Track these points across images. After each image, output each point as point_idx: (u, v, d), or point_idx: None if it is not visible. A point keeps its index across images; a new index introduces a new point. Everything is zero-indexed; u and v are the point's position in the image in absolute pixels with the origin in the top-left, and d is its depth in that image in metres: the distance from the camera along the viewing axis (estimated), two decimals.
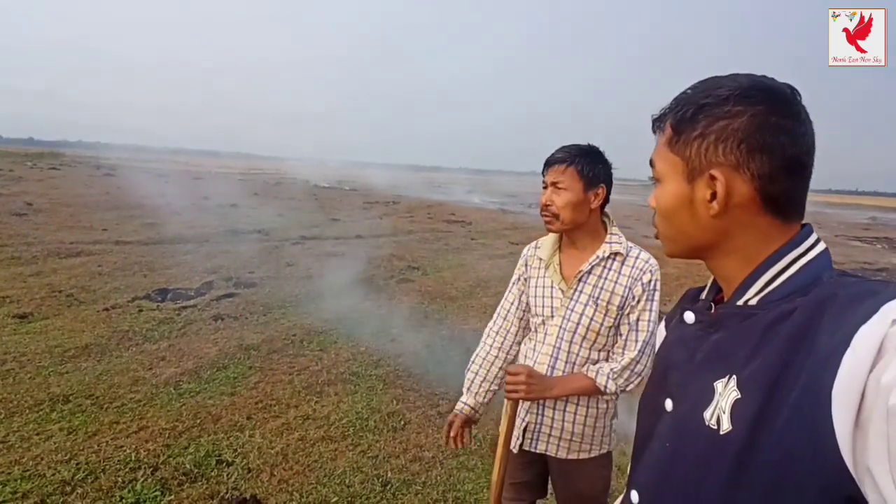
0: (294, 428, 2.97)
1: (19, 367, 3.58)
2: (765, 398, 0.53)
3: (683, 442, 0.63)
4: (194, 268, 6.66)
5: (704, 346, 0.64)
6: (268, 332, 4.49)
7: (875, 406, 0.45)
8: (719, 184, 0.60)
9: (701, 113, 0.61)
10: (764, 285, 0.60)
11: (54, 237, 8.37)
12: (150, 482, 2.41)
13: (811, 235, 0.61)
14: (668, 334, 0.77)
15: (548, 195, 1.43)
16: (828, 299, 0.53)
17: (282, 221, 11.87)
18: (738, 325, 0.61)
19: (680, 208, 0.65)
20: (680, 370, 0.68)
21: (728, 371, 0.58)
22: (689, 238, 0.66)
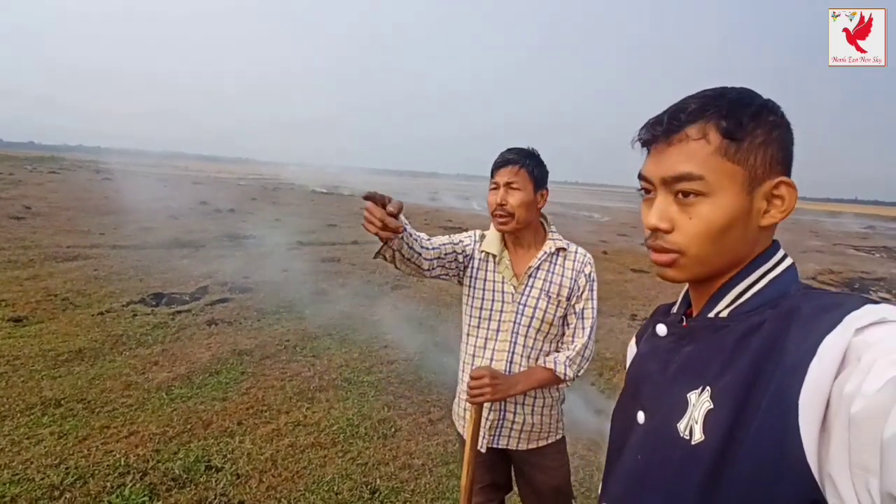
0: (284, 434, 2.98)
1: (12, 370, 3.59)
2: (737, 408, 0.54)
3: (656, 453, 0.63)
4: (190, 272, 6.67)
5: (677, 357, 0.66)
6: (261, 338, 4.51)
7: (838, 414, 0.46)
8: (790, 191, 0.61)
9: (758, 119, 0.60)
10: (734, 298, 0.62)
11: (52, 241, 8.38)
12: (139, 487, 2.42)
13: (779, 251, 0.64)
14: (641, 348, 0.78)
15: (501, 195, 1.46)
16: (795, 311, 0.55)
17: (278, 227, 11.89)
18: (710, 337, 0.62)
19: (736, 223, 0.60)
20: (653, 382, 0.69)
21: (701, 382, 0.59)
22: (732, 255, 0.62)
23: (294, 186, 30.83)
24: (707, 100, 0.61)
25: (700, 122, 0.60)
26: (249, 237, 9.94)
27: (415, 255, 1.38)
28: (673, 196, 0.62)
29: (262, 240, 9.71)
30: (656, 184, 0.64)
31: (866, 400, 0.44)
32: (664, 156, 0.62)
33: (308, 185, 32.85)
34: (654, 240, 0.64)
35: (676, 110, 0.62)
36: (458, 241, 1.60)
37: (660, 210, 0.63)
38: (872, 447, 0.42)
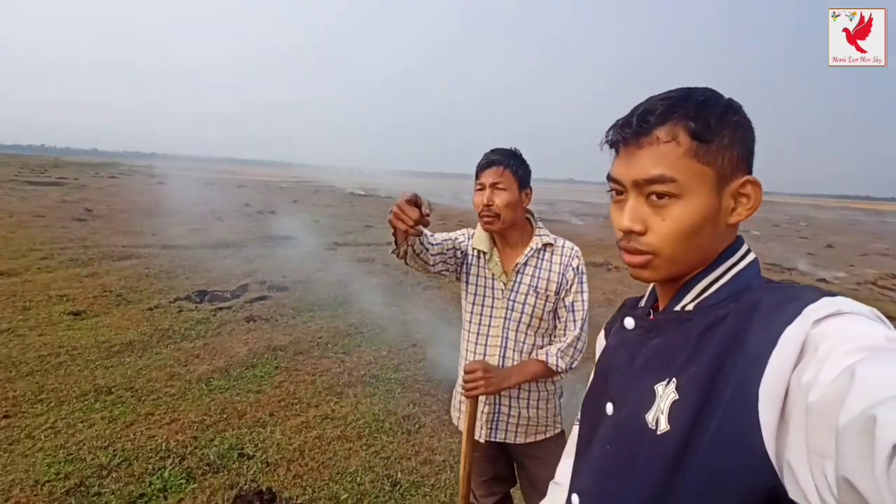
0: (313, 426, 3.11)
1: (70, 360, 3.88)
2: (701, 399, 0.56)
3: (624, 444, 0.65)
4: (232, 271, 6.99)
5: (644, 350, 0.68)
6: (295, 334, 4.69)
7: (796, 403, 0.48)
8: (755, 189, 0.63)
9: (724, 120, 0.62)
10: (700, 292, 0.65)
11: (109, 241, 8.92)
12: (178, 470, 2.60)
13: (743, 246, 0.67)
14: (609, 340, 0.80)
15: (488, 195, 1.50)
16: (756, 304, 0.57)
17: (317, 227, 12.24)
18: (676, 330, 0.64)
19: (706, 222, 0.62)
20: (621, 374, 0.71)
21: (667, 374, 0.61)
22: (703, 254, 0.64)
23: (334, 189, 31.54)
24: (674, 101, 0.62)
25: (669, 124, 0.61)
26: (289, 238, 10.28)
27: (423, 252, 1.47)
28: (645, 198, 0.63)
29: (300, 240, 10.03)
30: (627, 186, 0.65)
31: (823, 389, 0.45)
32: (635, 158, 0.63)
33: (347, 187, 33.52)
34: (626, 241, 0.65)
35: (645, 112, 0.63)
36: (455, 237, 1.67)
37: (633, 212, 0.64)
38: (828, 434, 0.43)
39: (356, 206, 21.33)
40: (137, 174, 34.02)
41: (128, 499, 2.37)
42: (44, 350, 4.01)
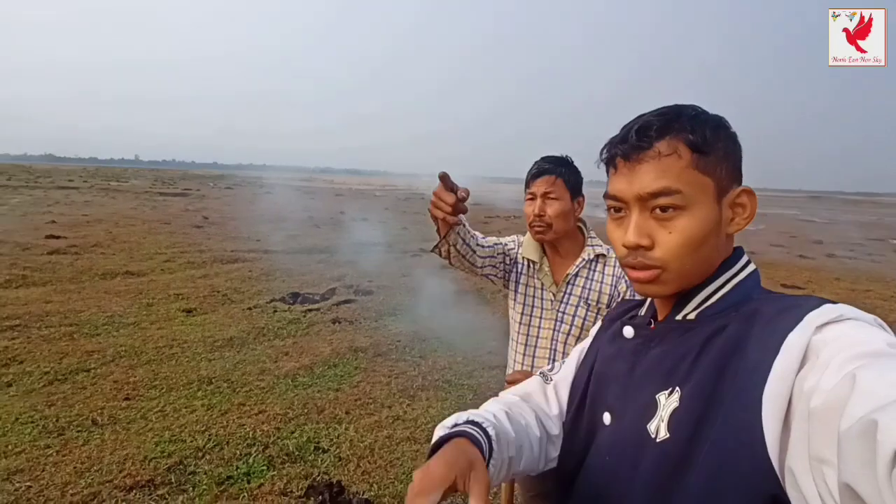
0: (384, 426, 3.24)
1: (181, 352, 4.36)
2: (703, 407, 0.57)
3: (625, 454, 0.65)
4: (323, 275, 7.44)
5: (644, 359, 0.68)
6: (376, 337, 4.90)
7: (797, 409, 0.48)
8: (751, 199, 0.65)
9: (718, 132, 0.63)
10: (701, 301, 0.65)
11: (220, 246, 9.88)
12: (261, 458, 2.83)
13: (743, 256, 0.67)
14: (605, 349, 0.79)
15: (539, 205, 1.48)
16: (757, 313, 0.58)
17: (405, 234, 12.64)
18: (678, 339, 0.64)
19: (711, 233, 0.62)
20: (619, 383, 0.70)
21: (670, 383, 0.62)
22: (709, 264, 0.65)
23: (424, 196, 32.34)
24: (669, 117, 0.64)
25: (668, 137, 0.62)
26: (378, 244, 10.73)
27: (469, 252, 1.47)
28: (649, 212, 0.63)
29: (388, 247, 10.43)
30: (630, 201, 0.64)
31: (824, 394, 0.45)
32: (636, 173, 0.63)
33: None
34: (633, 257, 0.64)
35: (643, 127, 0.63)
36: (505, 243, 1.66)
37: (639, 227, 0.63)
38: (830, 440, 0.43)
39: None
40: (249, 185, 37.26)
41: (217, 480, 2.62)
42: (161, 342, 4.53)
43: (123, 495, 2.46)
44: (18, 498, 2.41)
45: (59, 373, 3.80)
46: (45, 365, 3.92)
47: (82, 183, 31.25)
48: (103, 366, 3.98)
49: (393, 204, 24.67)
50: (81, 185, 28.47)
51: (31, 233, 10.21)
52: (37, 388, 3.56)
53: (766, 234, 18.27)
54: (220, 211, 17.44)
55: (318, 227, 13.00)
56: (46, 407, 3.28)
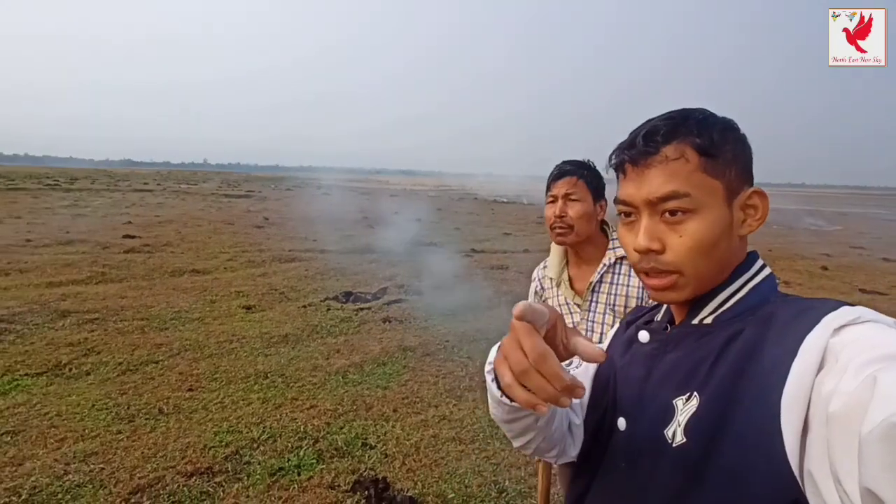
0: (430, 425, 3.27)
1: (240, 346, 4.58)
2: (721, 412, 0.56)
3: (641, 459, 0.65)
4: (375, 275, 7.59)
5: (661, 364, 0.67)
6: (425, 337, 4.95)
7: (817, 413, 0.48)
8: (762, 200, 0.65)
9: (726, 135, 0.63)
10: (718, 306, 0.64)
11: (279, 246, 10.28)
12: (311, 451, 2.92)
13: (758, 260, 0.66)
14: (620, 353, 0.78)
15: (560, 207, 1.44)
16: (773, 316, 0.58)
17: (457, 235, 12.69)
18: (695, 344, 0.64)
19: (722, 236, 0.62)
20: (634, 389, 0.70)
21: (688, 388, 0.61)
22: (723, 268, 0.64)
23: (477, 196, 32.35)
24: (675, 121, 0.63)
25: (675, 142, 0.62)
26: (429, 244, 10.83)
27: None
28: (659, 216, 0.63)
29: (440, 247, 10.50)
30: (640, 206, 0.64)
31: (844, 398, 0.44)
32: (645, 178, 0.63)
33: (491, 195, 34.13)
34: (646, 263, 0.64)
35: (649, 132, 0.64)
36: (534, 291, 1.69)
37: (649, 231, 0.63)
38: (851, 443, 0.43)
39: (497, 213, 21.66)
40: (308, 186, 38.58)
41: (270, 470, 2.73)
42: (222, 337, 4.78)
43: (185, 481, 2.61)
44: (93, 478, 2.60)
45: (130, 363, 4.08)
46: (119, 356, 4.21)
47: (156, 186, 33.43)
48: (170, 358, 4.24)
49: (446, 204, 24.81)
50: (155, 188, 30.47)
51: (109, 232, 11.02)
52: (111, 377, 3.84)
53: (846, 235, 17.03)
54: (279, 212, 18.17)
55: (371, 228, 13.28)
56: (119, 395, 3.53)
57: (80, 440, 2.95)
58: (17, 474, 2.60)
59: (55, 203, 18.54)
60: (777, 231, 16.97)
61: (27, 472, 2.61)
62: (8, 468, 2.65)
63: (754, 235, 0.65)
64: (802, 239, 14.84)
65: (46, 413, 3.25)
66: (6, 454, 2.78)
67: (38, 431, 3.03)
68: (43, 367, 3.93)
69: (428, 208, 21.13)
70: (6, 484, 2.52)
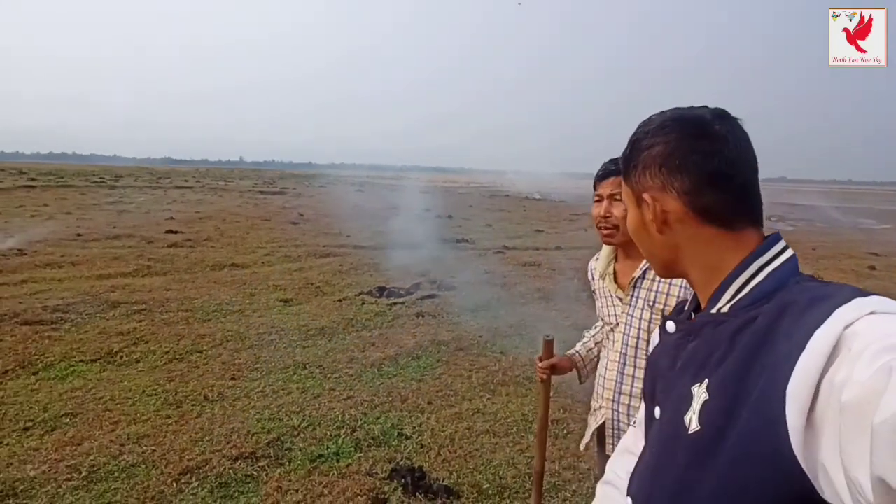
0: (464, 418, 3.31)
1: (279, 338, 4.72)
2: (729, 399, 0.57)
3: (666, 447, 0.67)
4: (408, 270, 7.67)
5: (684, 353, 0.69)
6: (458, 332, 4.99)
7: (829, 403, 0.48)
8: (650, 204, 0.69)
9: (634, 148, 0.72)
10: (734, 293, 0.64)
11: (314, 241, 10.50)
12: (348, 440, 3.01)
13: (778, 243, 0.65)
14: (656, 346, 0.82)
15: (605, 207, 1.44)
16: (788, 305, 0.57)
17: (488, 231, 12.69)
18: (712, 332, 0.65)
19: (638, 230, 0.74)
20: (664, 378, 0.73)
21: (702, 376, 0.62)
22: (655, 256, 0.74)
23: (509, 193, 32.20)
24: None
25: None
26: (462, 241, 10.87)
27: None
28: None
29: (472, 243, 10.54)
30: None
31: (857, 387, 0.44)
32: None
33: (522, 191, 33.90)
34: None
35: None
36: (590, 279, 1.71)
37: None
38: (863, 433, 0.43)
39: (529, 210, 21.53)
40: (341, 183, 39.15)
41: (310, 457, 2.82)
42: (261, 329, 4.93)
43: (230, 464, 2.73)
44: (146, 459, 2.75)
45: (176, 353, 4.27)
46: (166, 345, 4.41)
47: (195, 183, 34.48)
48: (213, 348, 4.41)
49: (477, 201, 24.81)
50: (195, 185, 31.44)
51: (153, 228, 11.47)
52: (159, 365, 4.03)
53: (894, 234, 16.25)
54: (314, 208, 18.51)
55: (404, 224, 13.40)
56: (167, 382, 3.70)
57: (133, 423, 3.11)
58: (77, 453, 2.77)
59: (101, 199, 19.38)
60: (822, 229, 16.34)
61: (86, 452, 2.78)
62: (69, 447, 2.82)
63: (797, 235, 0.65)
64: (847, 237, 14.24)
65: (101, 397, 3.43)
66: (66, 434, 2.96)
67: (94, 414, 3.21)
68: (96, 355, 4.14)
69: (460, 205, 21.17)
70: (67, 461, 2.69)
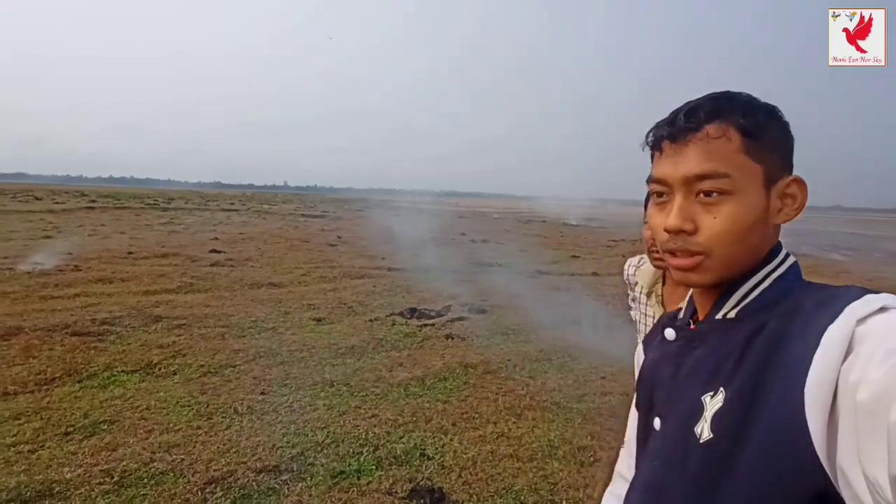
0: (488, 441, 3.26)
1: (309, 356, 4.79)
2: (745, 406, 0.55)
3: (672, 458, 0.64)
4: (440, 293, 7.69)
5: (688, 361, 0.66)
6: (487, 355, 4.95)
7: (844, 403, 0.47)
8: (802, 189, 0.62)
9: (771, 119, 0.62)
10: (741, 298, 0.63)
11: (349, 263, 10.68)
12: (370, 458, 3.00)
13: (783, 249, 0.64)
14: (649, 354, 0.78)
15: None
16: (798, 307, 0.57)
17: (523, 256, 12.60)
18: (720, 338, 0.63)
19: (758, 221, 0.60)
20: (665, 387, 0.69)
21: (714, 383, 0.60)
22: (753, 255, 0.62)
23: (546, 219, 31.98)
24: (720, 101, 0.62)
25: (718, 120, 0.60)
26: (495, 265, 10.84)
27: None
28: (693, 196, 0.61)
29: (505, 267, 10.49)
30: (674, 184, 0.62)
31: (872, 386, 0.44)
32: (682, 156, 0.61)
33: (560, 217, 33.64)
34: (674, 243, 0.62)
35: (691, 110, 0.62)
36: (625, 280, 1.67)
37: (682, 210, 0.61)
38: (879, 432, 0.42)
39: (566, 236, 21.30)
40: (379, 207, 39.84)
41: (331, 473, 2.83)
42: (293, 346, 5.02)
43: (254, 476, 2.77)
44: (174, 467, 2.82)
45: (211, 366, 4.39)
46: (202, 359, 4.54)
47: (241, 206, 35.85)
48: (246, 363, 4.52)
49: (513, 226, 24.74)
50: (240, 208, 32.68)
51: (198, 247, 11.94)
52: (194, 377, 4.15)
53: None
54: (351, 231, 18.90)
55: (439, 248, 13.50)
56: (200, 394, 3.81)
57: (165, 432, 3.21)
58: (111, 458, 2.87)
59: (154, 220, 20.39)
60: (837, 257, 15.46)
61: (119, 458, 2.88)
62: (104, 452, 2.93)
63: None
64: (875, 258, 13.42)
65: (138, 406, 3.56)
66: (103, 440, 3.08)
67: (130, 422, 3.33)
68: (137, 366, 4.31)
69: (495, 229, 21.17)
70: (101, 466, 2.79)
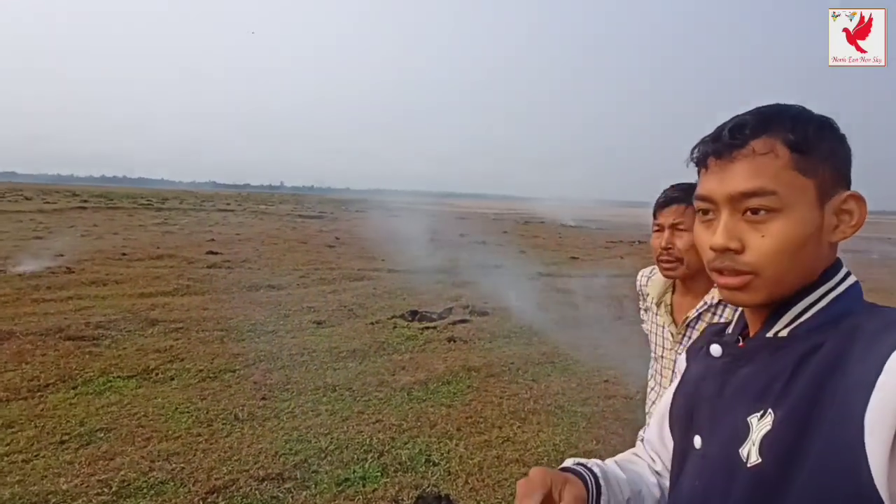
0: (494, 446, 3.20)
1: (310, 360, 4.73)
2: (798, 431, 0.53)
3: (715, 479, 0.61)
4: (441, 295, 7.64)
5: (734, 379, 0.63)
6: (489, 358, 4.89)
7: None
8: (859, 205, 0.59)
9: (822, 132, 0.59)
10: (794, 317, 0.60)
11: (349, 264, 10.63)
12: (375, 465, 2.94)
13: (842, 268, 0.61)
14: (692, 367, 0.75)
15: (667, 237, 1.33)
16: (858, 329, 0.54)
17: (523, 258, 12.57)
18: (769, 358, 0.60)
19: (810, 238, 0.57)
20: (708, 405, 0.66)
21: (763, 405, 0.58)
22: (807, 273, 0.59)
23: (545, 221, 31.99)
24: (767, 115, 0.60)
25: (765, 135, 0.58)
26: (495, 266, 10.78)
27: None
28: (740, 214, 0.59)
29: (505, 269, 10.44)
30: (720, 202, 0.60)
31: None
32: (728, 172, 0.59)
33: (558, 218, 33.67)
34: (721, 262, 0.60)
35: (737, 125, 0.60)
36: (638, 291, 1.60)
37: (728, 229, 0.59)
38: None
39: (565, 237, 21.29)
40: (378, 209, 39.77)
41: (336, 480, 2.77)
42: (293, 350, 4.96)
43: (256, 485, 2.70)
44: (174, 477, 2.75)
45: (210, 371, 4.32)
46: (200, 363, 4.47)
47: (237, 206, 35.73)
48: (246, 368, 4.45)
49: (512, 227, 24.72)
50: (236, 209, 32.57)
51: (195, 249, 11.85)
52: (192, 383, 4.08)
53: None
54: (350, 232, 18.82)
55: (439, 249, 13.44)
56: (199, 400, 3.74)
57: (164, 440, 3.14)
58: (108, 468, 2.80)
59: (147, 221, 20.27)
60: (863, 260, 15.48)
61: (117, 467, 2.81)
62: (101, 462, 2.86)
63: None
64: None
65: (135, 413, 3.49)
66: (100, 449, 3.01)
67: (127, 430, 3.26)
68: (133, 371, 4.24)
69: (494, 231, 21.14)
70: (99, 476, 2.72)
